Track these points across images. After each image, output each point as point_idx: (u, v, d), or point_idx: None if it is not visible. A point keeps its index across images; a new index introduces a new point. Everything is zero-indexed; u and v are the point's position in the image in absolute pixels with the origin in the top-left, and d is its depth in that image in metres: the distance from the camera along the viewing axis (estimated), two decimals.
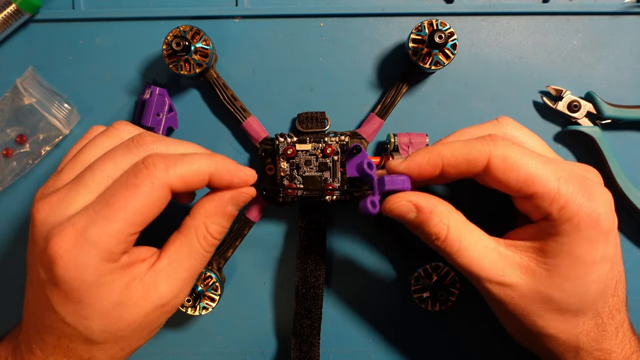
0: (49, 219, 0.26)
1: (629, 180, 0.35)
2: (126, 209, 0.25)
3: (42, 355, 0.27)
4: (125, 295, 0.26)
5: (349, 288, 0.38)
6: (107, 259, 0.25)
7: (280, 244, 0.38)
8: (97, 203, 0.26)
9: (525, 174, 0.26)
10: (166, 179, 0.26)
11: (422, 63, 0.34)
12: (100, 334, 0.26)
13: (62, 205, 0.26)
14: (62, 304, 0.26)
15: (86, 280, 0.25)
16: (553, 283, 0.27)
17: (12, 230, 0.38)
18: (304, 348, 0.35)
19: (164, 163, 0.26)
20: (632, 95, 0.37)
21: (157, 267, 0.27)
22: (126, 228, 0.25)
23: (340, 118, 0.37)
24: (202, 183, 0.28)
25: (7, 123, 0.37)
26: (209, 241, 0.29)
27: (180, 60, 0.34)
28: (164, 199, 0.27)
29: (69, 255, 0.25)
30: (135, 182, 0.26)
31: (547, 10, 0.37)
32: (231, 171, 0.29)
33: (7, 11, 0.36)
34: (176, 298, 0.28)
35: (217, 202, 0.29)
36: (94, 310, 0.26)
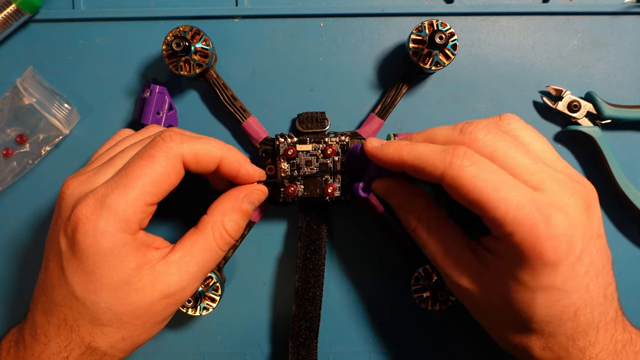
0: (76, 192, 0.28)
1: (629, 180, 0.35)
2: (142, 178, 0.27)
3: (45, 340, 0.28)
4: (134, 276, 0.27)
5: (349, 288, 0.38)
6: (124, 229, 0.27)
7: (280, 244, 0.38)
8: (117, 174, 0.28)
9: (474, 197, 0.26)
10: (180, 150, 0.28)
11: (423, 63, 0.34)
12: (105, 313, 0.27)
13: (90, 181, 0.28)
14: (75, 273, 0.27)
15: (101, 247, 0.26)
16: (500, 300, 0.27)
17: (13, 230, 0.38)
18: (302, 352, 0.35)
19: (180, 137, 0.29)
20: (632, 95, 0.37)
21: (170, 258, 0.28)
22: (143, 196, 0.27)
23: (340, 118, 0.37)
24: (213, 164, 0.30)
25: (7, 123, 0.37)
26: (225, 238, 0.30)
27: (180, 60, 0.34)
28: (178, 170, 0.28)
29: (89, 221, 0.26)
30: (151, 152, 0.28)
31: (547, 10, 0.37)
32: (240, 161, 0.31)
33: (7, 11, 0.36)
34: (183, 291, 0.29)
35: (234, 199, 0.31)
36: (103, 284, 0.27)
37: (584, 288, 0.26)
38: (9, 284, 0.38)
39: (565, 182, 0.27)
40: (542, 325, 0.26)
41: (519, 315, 0.27)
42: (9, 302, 0.38)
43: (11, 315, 0.38)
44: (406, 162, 0.28)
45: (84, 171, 0.30)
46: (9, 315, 0.38)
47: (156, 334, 0.30)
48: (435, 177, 0.27)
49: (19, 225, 0.38)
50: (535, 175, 0.26)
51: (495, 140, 0.27)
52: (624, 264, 0.37)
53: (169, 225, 0.38)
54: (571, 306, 0.26)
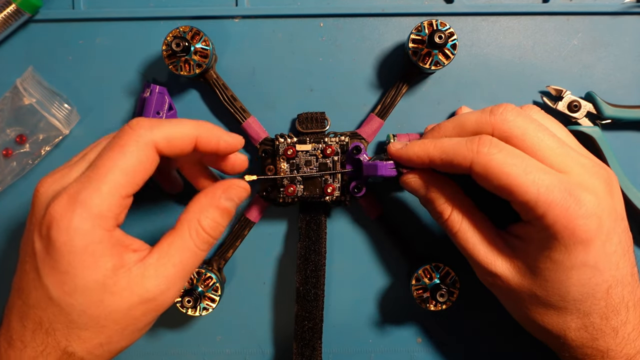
0: (50, 190, 0.27)
1: (629, 180, 0.35)
2: (114, 169, 0.26)
3: (20, 345, 0.27)
4: (109, 278, 0.26)
5: (349, 288, 0.38)
6: (99, 225, 0.26)
7: (280, 244, 0.38)
8: (88, 169, 0.27)
9: (505, 182, 0.27)
10: (151, 136, 0.27)
11: (422, 63, 0.34)
12: (81, 315, 0.26)
13: (64, 178, 0.28)
14: (50, 273, 0.26)
15: (76, 245, 0.25)
16: (535, 282, 0.28)
17: (12, 230, 0.38)
18: (305, 353, 0.35)
19: (149, 123, 0.27)
20: (632, 95, 0.37)
21: (147, 260, 0.27)
22: (116, 189, 0.26)
23: (340, 118, 0.37)
24: (189, 146, 0.28)
25: (7, 123, 0.37)
26: (202, 237, 0.28)
27: (180, 60, 0.34)
28: (151, 159, 0.27)
29: (63, 219, 0.25)
30: (120, 142, 0.27)
31: (547, 10, 0.37)
32: (217, 135, 0.29)
33: (7, 11, 0.36)
34: (163, 295, 0.27)
35: (211, 196, 0.29)
36: (77, 285, 0.26)
37: (614, 266, 0.27)
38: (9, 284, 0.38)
39: (588, 165, 0.28)
40: (576, 304, 0.27)
41: (555, 295, 0.28)
42: None
43: None
44: (434, 157, 0.29)
45: (59, 169, 0.29)
46: None
47: (136, 340, 0.29)
48: (464, 168, 0.28)
49: (19, 225, 0.38)
50: (561, 158, 0.28)
51: (525, 122, 0.28)
52: None
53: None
54: (603, 284, 0.27)
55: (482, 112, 0.30)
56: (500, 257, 0.29)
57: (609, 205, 0.27)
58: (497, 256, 0.29)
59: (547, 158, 0.28)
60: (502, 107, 0.29)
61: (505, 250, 0.29)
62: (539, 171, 0.27)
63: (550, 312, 0.28)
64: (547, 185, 0.26)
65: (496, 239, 0.30)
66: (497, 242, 0.30)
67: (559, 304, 0.28)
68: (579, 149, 0.30)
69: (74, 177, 0.27)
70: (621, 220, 0.28)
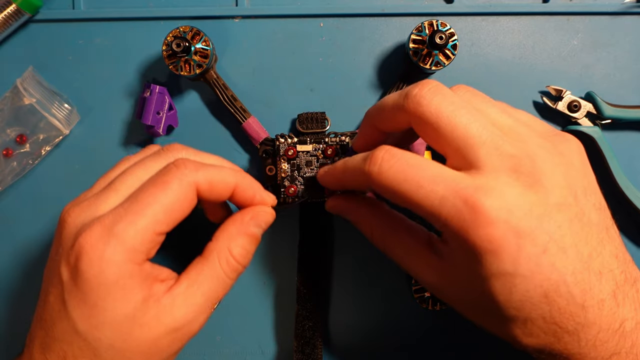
0: (78, 219, 0.26)
1: (629, 180, 0.35)
2: (154, 205, 0.26)
3: None
4: (139, 310, 0.26)
5: (349, 288, 0.38)
6: (131, 259, 0.25)
7: (280, 244, 0.38)
8: (126, 201, 0.26)
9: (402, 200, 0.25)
10: (194, 178, 0.27)
11: (423, 63, 0.34)
12: (108, 350, 0.25)
13: (92, 208, 0.27)
14: (78, 307, 0.25)
15: (107, 278, 0.25)
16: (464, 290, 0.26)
17: (13, 230, 0.38)
18: (306, 350, 0.35)
19: (194, 164, 0.27)
20: (632, 95, 0.37)
21: (175, 290, 0.27)
22: (153, 225, 0.26)
23: (340, 118, 0.37)
24: (227, 192, 0.29)
25: (7, 123, 0.37)
26: (232, 265, 0.28)
27: (180, 61, 0.34)
28: (191, 199, 0.27)
29: (95, 250, 0.25)
30: (165, 179, 0.26)
31: (547, 10, 0.37)
32: (254, 188, 0.30)
33: (7, 11, 0.36)
34: (190, 324, 0.27)
35: (240, 223, 0.29)
36: (106, 318, 0.25)
37: (547, 268, 0.23)
38: (9, 284, 0.38)
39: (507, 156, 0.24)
40: (513, 311, 0.24)
41: (486, 305, 0.25)
42: (9, 304, 0.38)
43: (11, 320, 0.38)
44: (340, 182, 0.29)
45: (85, 197, 0.28)
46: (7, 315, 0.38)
47: None
48: (367, 189, 0.27)
49: (19, 225, 0.38)
50: (473, 150, 0.24)
51: (440, 106, 0.25)
52: None
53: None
54: (536, 289, 0.23)
55: (399, 95, 0.27)
56: (429, 271, 0.27)
57: (529, 201, 0.23)
58: (426, 271, 0.27)
59: (460, 150, 0.24)
60: (417, 88, 0.26)
61: (432, 263, 0.27)
62: (432, 182, 0.24)
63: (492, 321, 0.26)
64: (440, 197, 0.24)
65: (425, 252, 0.27)
66: (425, 255, 0.27)
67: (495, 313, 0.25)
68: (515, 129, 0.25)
69: (105, 208, 0.27)
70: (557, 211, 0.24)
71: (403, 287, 0.38)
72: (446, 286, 0.27)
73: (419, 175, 0.24)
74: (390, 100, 0.27)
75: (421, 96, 0.25)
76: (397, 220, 0.30)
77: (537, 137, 0.25)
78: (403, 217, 0.30)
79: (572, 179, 0.25)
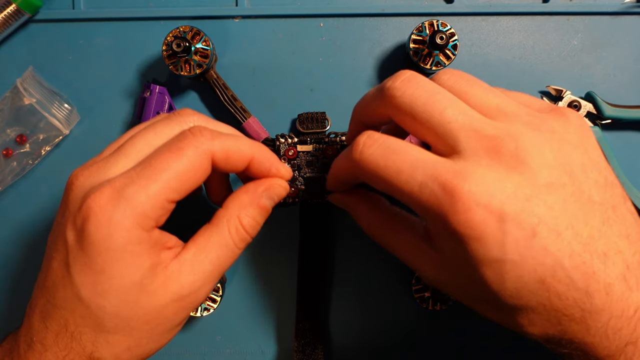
0: (87, 182, 0.25)
1: (629, 180, 0.35)
2: (167, 171, 0.25)
3: (41, 348, 0.25)
4: (147, 278, 0.25)
5: (350, 288, 0.38)
6: (140, 224, 0.24)
7: (281, 244, 0.38)
8: (138, 165, 0.25)
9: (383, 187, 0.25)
10: (211, 147, 0.26)
11: (423, 64, 0.34)
12: (112, 318, 0.25)
13: (102, 171, 0.26)
14: (83, 272, 0.24)
15: (115, 242, 0.24)
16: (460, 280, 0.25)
17: (13, 230, 0.38)
18: (306, 351, 0.35)
19: (211, 133, 0.26)
20: (632, 95, 0.37)
21: (183, 256, 0.26)
22: (165, 191, 0.25)
23: (340, 118, 0.37)
24: (243, 163, 0.28)
25: (7, 123, 0.37)
26: (241, 235, 0.28)
27: (181, 61, 0.34)
28: (205, 168, 0.26)
29: (103, 212, 0.24)
30: (180, 145, 0.25)
31: (547, 10, 0.37)
32: (270, 160, 0.29)
33: (7, 11, 0.36)
34: (197, 292, 0.26)
35: (252, 194, 0.28)
36: (112, 286, 0.24)
37: (539, 252, 0.22)
38: (9, 285, 0.38)
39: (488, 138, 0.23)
40: (510, 300, 0.23)
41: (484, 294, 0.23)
42: (10, 304, 0.38)
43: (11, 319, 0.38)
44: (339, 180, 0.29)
45: (93, 162, 0.27)
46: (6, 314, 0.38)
47: (165, 344, 0.28)
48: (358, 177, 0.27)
49: (19, 225, 0.38)
50: (453, 135, 0.23)
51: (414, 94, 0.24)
52: None
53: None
54: (530, 274, 0.22)
55: (377, 88, 0.26)
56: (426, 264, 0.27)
57: (512, 183, 0.22)
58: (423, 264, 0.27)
59: (439, 137, 0.24)
60: (391, 80, 0.25)
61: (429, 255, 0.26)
62: (411, 167, 0.23)
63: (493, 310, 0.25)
64: (419, 182, 0.23)
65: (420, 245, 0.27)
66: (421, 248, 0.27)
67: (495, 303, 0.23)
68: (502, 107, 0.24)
69: (116, 171, 0.26)
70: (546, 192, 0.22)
71: (403, 287, 0.38)
72: (445, 279, 0.26)
73: (399, 159, 0.24)
74: (369, 94, 0.27)
75: (394, 88, 0.25)
76: (395, 215, 0.29)
77: (526, 115, 0.24)
78: (401, 212, 0.29)
79: (566, 156, 0.23)
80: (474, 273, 0.23)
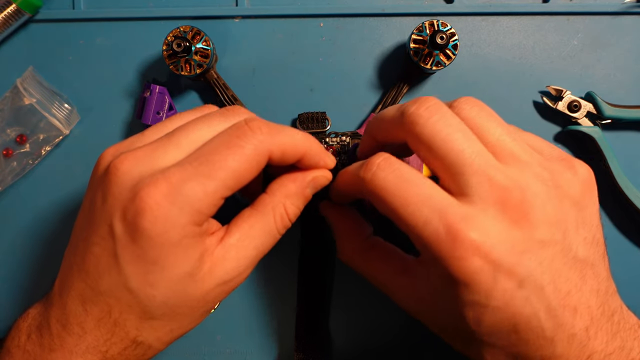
0: (135, 170, 0.24)
1: (629, 180, 0.35)
2: (226, 169, 0.24)
3: (79, 331, 0.25)
4: (196, 267, 0.25)
5: (350, 289, 0.38)
6: (195, 221, 0.24)
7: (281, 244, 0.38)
8: (194, 159, 0.24)
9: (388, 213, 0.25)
10: (269, 144, 0.25)
11: (423, 64, 0.34)
12: (160, 307, 0.25)
13: (151, 159, 0.25)
14: (133, 263, 0.24)
15: (169, 238, 0.23)
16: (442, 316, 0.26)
17: (13, 230, 0.38)
18: (307, 351, 0.35)
19: (269, 129, 0.26)
20: (632, 95, 0.37)
21: (227, 241, 0.26)
22: (221, 190, 0.24)
23: (340, 118, 0.37)
24: (296, 157, 0.27)
25: (7, 123, 0.37)
26: (285, 222, 0.28)
27: (181, 61, 0.34)
28: (262, 165, 0.26)
29: (160, 208, 0.23)
30: (239, 142, 0.25)
31: (547, 10, 0.37)
32: (321, 155, 0.29)
33: (7, 11, 0.36)
34: (239, 276, 0.26)
35: (299, 183, 0.28)
36: (164, 277, 0.24)
37: (521, 302, 0.23)
38: (10, 284, 0.38)
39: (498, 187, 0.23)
40: (482, 337, 0.24)
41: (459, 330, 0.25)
42: (9, 303, 0.38)
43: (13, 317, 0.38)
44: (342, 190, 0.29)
45: (135, 144, 0.26)
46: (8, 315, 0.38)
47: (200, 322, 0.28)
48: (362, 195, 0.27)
49: (19, 225, 0.38)
50: (465, 178, 0.24)
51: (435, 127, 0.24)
52: (624, 264, 0.37)
53: None
54: (506, 320, 0.23)
55: (397, 109, 0.26)
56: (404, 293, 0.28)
57: (512, 237, 0.23)
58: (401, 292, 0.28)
59: (451, 175, 0.24)
60: (415, 106, 0.25)
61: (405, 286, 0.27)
62: (420, 201, 0.23)
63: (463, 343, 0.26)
64: (425, 218, 0.23)
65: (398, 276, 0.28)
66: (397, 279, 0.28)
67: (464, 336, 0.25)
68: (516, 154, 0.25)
69: (167, 162, 0.25)
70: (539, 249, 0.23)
71: None
72: (422, 309, 0.27)
73: (409, 191, 0.24)
74: (389, 114, 0.27)
75: (418, 115, 0.25)
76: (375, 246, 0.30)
77: (537, 165, 0.25)
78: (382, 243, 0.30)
79: (564, 213, 0.24)
80: (454, 310, 0.24)
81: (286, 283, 0.38)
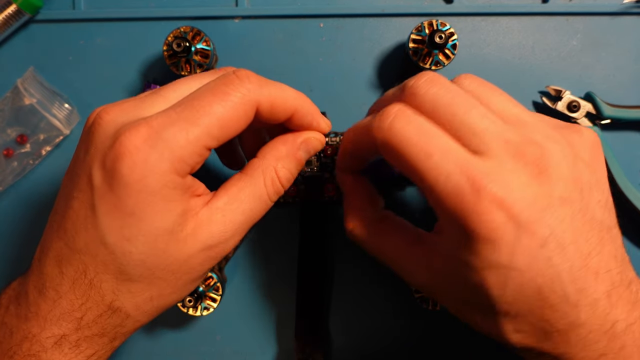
0: (119, 119, 0.23)
1: (628, 181, 0.35)
2: (210, 115, 0.23)
3: (54, 295, 0.23)
4: (177, 224, 0.23)
5: (350, 288, 0.38)
6: (177, 169, 0.23)
7: (280, 244, 0.38)
8: (178, 105, 0.23)
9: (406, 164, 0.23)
10: (257, 95, 0.24)
11: (423, 63, 0.34)
12: (137, 266, 0.23)
13: (137, 110, 0.24)
14: (110, 214, 0.23)
15: (148, 185, 0.22)
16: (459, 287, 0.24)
17: (13, 230, 0.38)
18: (306, 350, 0.35)
19: (258, 79, 0.25)
20: (632, 95, 0.37)
21: (214, 204, 0.25)
22: (205, 137, 0.23)
23: (340, 118, 0.37)
24: (286, 114, 0.26)
25: (8, 123, 0.37)
26: (276, 187, 0.26)
27: (181, 61, 0.34)
28: (249, 116, 0.24)
29: (139, 152, 0.22)
30: (226, 89, 0.24)
31: (547, 10, 0.37)
32: (313, 114, 0.27)
33: (8, 12, 0.36)
34: (225, 243, 0.25)
35: (290, 145, 0.27)
36: (141, 230, 0.23)
37: (543, 263, 0.22)
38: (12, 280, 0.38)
39: (513, 144, 0.23)
40: (505, 306, 0.23)
41: (477, 299, 0.23)
42: None
43: None
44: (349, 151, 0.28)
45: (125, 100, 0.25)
46: None
47: (185, 296, 0.27)
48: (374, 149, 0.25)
49: (19, 225, 0.38)
50: (478, 136, 0.23)
51: (438, 94, 0.24)
52: None
53: None
54: (529, 283, 0.22)
55: (397, 88, 0.26)
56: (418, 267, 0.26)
57: (532, 193, 0.22)
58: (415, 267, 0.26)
59: (462, 137, 0.23)
60: (414, 80, 0.25)
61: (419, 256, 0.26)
62: (443, 153, 0.22)
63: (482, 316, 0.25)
64: (447, 171, 0.22)
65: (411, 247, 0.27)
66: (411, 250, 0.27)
67: (485, 307, 0.24)
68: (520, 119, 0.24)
69: (152, 111, 0.24)
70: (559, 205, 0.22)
71: (403, 287, 0.38)
72: (437, 282, 0.26)
73: (431, 142, 0.23)
74: (389, 93, 0.27)
75: (417, 86, 0.24)
76: (386, 218, 0.29)
77: (545, 127, 0.24)
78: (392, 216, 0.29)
79: (579, 173, 0.23)
80: (473, 276, 0.23)
81: (286, 283, 0.38)
